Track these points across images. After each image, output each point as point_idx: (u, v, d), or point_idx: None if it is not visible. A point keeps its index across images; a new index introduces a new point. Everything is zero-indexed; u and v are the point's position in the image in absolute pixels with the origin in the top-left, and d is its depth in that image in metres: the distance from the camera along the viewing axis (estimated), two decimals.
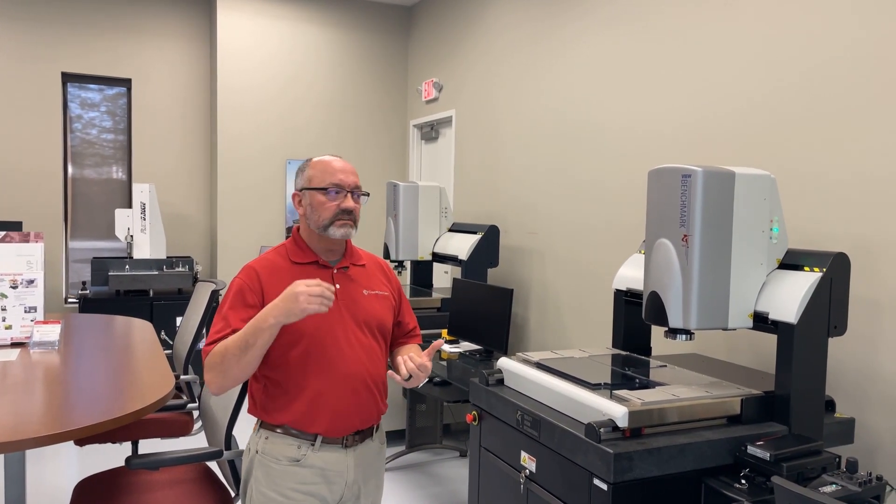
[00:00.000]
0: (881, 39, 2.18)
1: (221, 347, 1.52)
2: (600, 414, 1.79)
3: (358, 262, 1.76)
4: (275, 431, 1.63)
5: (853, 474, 1.64)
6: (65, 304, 5.15)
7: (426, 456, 3.87)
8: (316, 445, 1.62)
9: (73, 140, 5.22)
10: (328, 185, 1.64)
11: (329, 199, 1.64)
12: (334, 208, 1.64)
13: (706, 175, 1.84)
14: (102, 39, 5.15)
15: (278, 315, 1.46)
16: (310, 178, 1.67)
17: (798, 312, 1.84)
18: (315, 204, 1.65)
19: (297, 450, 1.61)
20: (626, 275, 2.42)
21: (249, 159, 5.32)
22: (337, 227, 1.64)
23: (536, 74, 3.95)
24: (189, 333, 2.84)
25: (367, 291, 1.73)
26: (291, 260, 1.68)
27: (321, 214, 1.64)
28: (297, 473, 1.61)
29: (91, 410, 1.80)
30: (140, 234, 4.92)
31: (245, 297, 1.59)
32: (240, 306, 1.59)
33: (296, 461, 1.61)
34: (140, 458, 1.79)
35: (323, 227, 1.64)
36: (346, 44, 5.56)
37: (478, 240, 3.85)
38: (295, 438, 1.62)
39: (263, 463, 1.63)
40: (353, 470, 1.66)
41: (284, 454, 1.61)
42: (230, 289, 1.63)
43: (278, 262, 1.67)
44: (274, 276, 1.63)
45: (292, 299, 1.45)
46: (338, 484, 1.65)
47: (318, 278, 1.60)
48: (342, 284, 1.69)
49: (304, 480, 1.61)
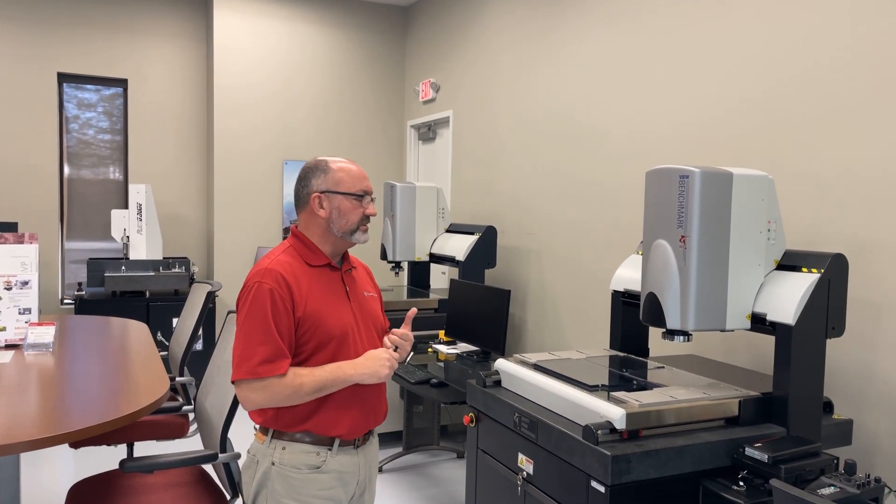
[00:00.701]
0: (879, 39, 2.17)
1: (294, 382, 1.53)
2: (598, 416, 1.79)
3: (353, 265, 1.81)
4: (293, 440, 1.62)
5: (851, 476, 1.64)
6: (61, 305, 5.13)
7: (423, 457, 3.86)
8: (333, 450, 1.64)
9: (70, 140, 5.20)
10: (360, 191, 1.67)
11: (357, 205, 1.67)
12: (361, 214, 1.68)
13: (704, 176, 1.83)
14: (98, 39, 5.13)
15: (363, 376, 1.59)
16: (338, 182, 1.65)
17: (796, 314, 1.83)
18: (343, 209, 1.66)
19: (317, 457, 1.62)
20: (624, 276, 2.41)
21: (246, 160, 5.30)
22: (361, 232, 1.69)
23: (534, 74, 3.94)
24: (185, 335, 2.83)
25: (366, 293, 1.78)
26: (306, 263, 1.66)
27: (349, 219, 1.66)
28: (317, 480, 1.62)
29: (85, 413, 1.78)
30: (136, 235, 4.90)
31: (278, 308, 1.55)
32: (277, 318, 1.55)
33: (316, 468, 1.62)
34: (134, 460, 1.78)
35: (349, 232, 1.67)
36: (343, 44, 5.55)
37: (475, 240, 3.84)
38: (313, 445, 1.62)
39: (282, 474, 1.61)
40: (365, 468, 1.71)
41: (304, 462, 1.61)
42: (258, 294, 1.55)
43: (294, 264, 1.64)
44: (296, 280, 1.61)
45: (381, 364, 1.60)
46: (351, 484, 1.68)
47: (333, 281, 1.68)
48: (350, 287, 1.73)
49: (324, 486, 1.63)
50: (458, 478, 3.58)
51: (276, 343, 1.53)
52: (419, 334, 3.81)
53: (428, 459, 3.83)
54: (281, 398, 1.54)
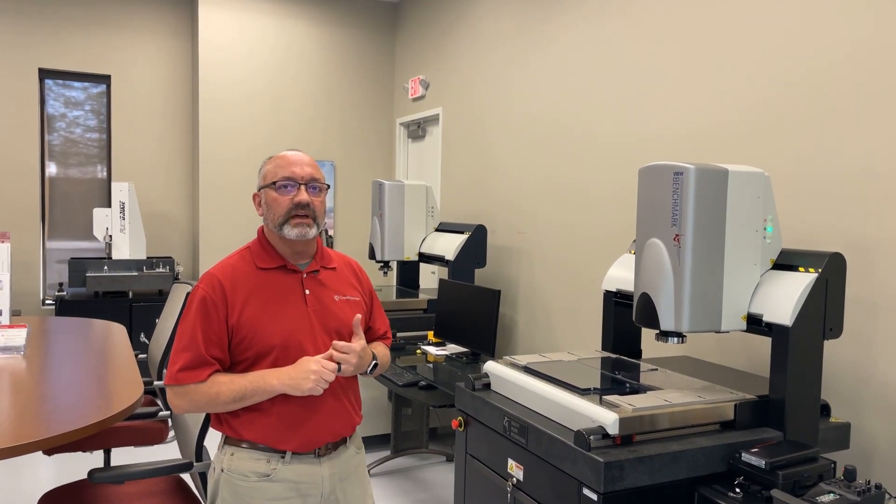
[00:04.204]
0: (875, 38, 2.13)
1: (211, 391, 1.46)
2: (590, 421, 1.73)
3: (329, 265, 1.67)
4: (240, 447, 1.54)
5: (851, 482, 1.59)
6: (42, 306, 5.02)
7: (412, 461, 3.80)
8: (286, 459, 1.53)
9: (52, 138, 5.09)
10: (279, 179, 1.53)
11: (281, 194, 1.53)
12: (287, 203, 1.52)
13: (698, 172, 1.78)
14: (81, 35, 5.03)
15: (284, 386, 1.46)
16: (265, 175, 1.57)
17: (793, 314, 1.78)
18: (269, 201, 1.55)
19: (267, 464, 1.52)
20: (616, 275, 2.35)
21: (232, 157, 5.21)
22: (291, 225, 1.52)
23: (524, 72, 3.88)
24: (164, 337, 2.74)
25: (338, 297, 1.63)
26: (256, 265, 1.57)
27: (275, 212, 1.53)
28: (268, 489, 1.52)
29: (55, 420, 1.70)
30: (119, 234, 4.80)
31: (209, 315, 1.49)
32: (206, 325, 1.48)
33: (265, 476, 1.52)
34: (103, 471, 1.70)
35: (278, 226, 1.54)
36: (331, 40, 5.47)
37: (465, 240, 3.78)
38: (263, 452, 1.53)
39: (230, 481, 1.53)
40: (329, 480, 1.57)
41: (252, 470, 1.52)
42: (192, 299, 1.51)
43: (241, 267, 1.56)
44: (238, 284, 1.52)
45: (304, 377, 1.45)
46: (313, 496, 1.55)
47: (286, 284, 1.54)
48: (312, 290, 1.59)
49: (275, 496, 1.52)
50: (448, 482, 3.51)
51: (197, 350, 1.47)
52: (408, 335, 3.74)
53: (417, 463, 3.77)
54: (201, 404, 1.48)
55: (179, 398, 1.48)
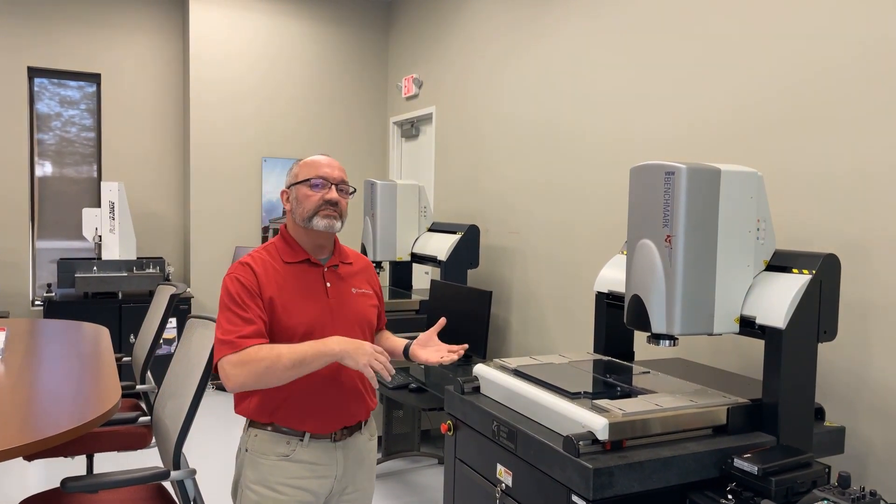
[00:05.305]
0: (870, 38, 2.09)
1: (272, 353, 1.49)
2: (579, 426, 1.69)
3: (346, 261, 1.78)
4: (264, 429, 1.64)
5: (845, 489, 1.55)
6: (32, 307, 4.96)
7: (403, 464, 3.75)
8: (304, 441, 1.63)
9: (47, 137, 5.03)
10: (313, 177, 1.67)
11: (313, 190, 1.66)
12: (318, 199, 1.65)
13: (690, 172, 1.74)
14: (70, 33, 4.97)
15: (344, 352, 1.50)
16: (296, 174, 1.71)
17: (786, 317, 1.75)
18: (300, 197, 1.67)
19: (287, 445, 1.63)
20: (609, 276, 2.32)
21: (224, 157, 5.16)
22: (321, 217, 1.65)
23: (517, 71, 3.84)
24: (147, 339, 2.69)
25: (355, 290, 1.75)
26: (283, 259, 1.67)
27: (305, 206, 1.66)
28: (286, 468, 1.62)
29: (30, 426, 1.66)
30: (109, 235, 4.75)
31: (251, 293, 1.57)
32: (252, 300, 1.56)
33: (285, 456, 1.62)
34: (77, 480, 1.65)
35: (307, 219, 1.65)
36: (323, 38, 5.42)
37: (457, 240, 3.74)
38: (283, 434, 1.63)
39: (253, 460, 1.63)
40: (342, 463, 1.68)
41: (273, 450, 1.63)
42: (228, 284, 1.59)
43: (269, 261, 1.66)
44: (268, 273, 1.63)
45: (362, 352, 1.50)
46: (327, 478, 1.66)
47: (309, 277, 1.67)
48: (332, 283, 1.71)
49: (293, 475, 1.63)
50: (439, 485, 3.47)
51: (250, 319, 1.54)
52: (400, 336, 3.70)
53: (408, 466, 3.73)
54: (259, 371, 1.49)
55: (238, 367, 1.49)
